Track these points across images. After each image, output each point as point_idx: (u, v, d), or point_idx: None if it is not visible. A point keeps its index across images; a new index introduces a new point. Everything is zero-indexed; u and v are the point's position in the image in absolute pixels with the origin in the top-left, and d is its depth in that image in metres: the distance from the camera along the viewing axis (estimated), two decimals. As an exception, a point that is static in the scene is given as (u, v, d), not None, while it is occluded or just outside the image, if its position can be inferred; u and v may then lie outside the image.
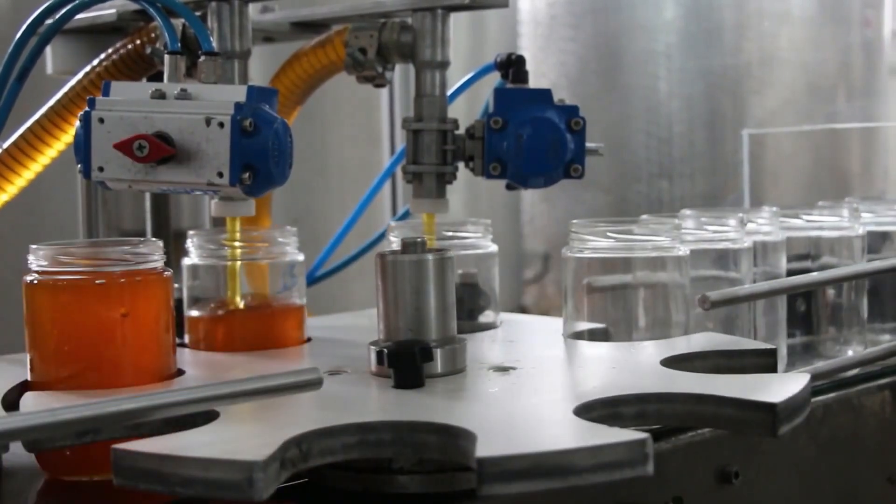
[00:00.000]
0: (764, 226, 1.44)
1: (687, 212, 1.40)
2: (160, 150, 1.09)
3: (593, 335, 1.31)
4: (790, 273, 1.46)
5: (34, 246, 1.09)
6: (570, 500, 1.02)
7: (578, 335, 1.31)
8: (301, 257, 1.37)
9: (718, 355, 1.18)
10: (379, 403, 1.05)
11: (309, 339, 1.36)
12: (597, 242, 1.29)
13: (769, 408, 0.96)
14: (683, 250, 1.29)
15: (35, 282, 1.08)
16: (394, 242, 1.42)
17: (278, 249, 1.35)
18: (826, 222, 1.53)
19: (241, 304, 1.33)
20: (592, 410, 0.97)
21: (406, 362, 1.06)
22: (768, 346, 1.19)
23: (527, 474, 0.82)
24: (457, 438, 0.90)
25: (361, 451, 0.93)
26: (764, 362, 1.17)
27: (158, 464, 0.85)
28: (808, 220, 1.53)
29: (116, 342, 1.08)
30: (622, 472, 0.84)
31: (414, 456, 0.96)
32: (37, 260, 1.08)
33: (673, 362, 1.14)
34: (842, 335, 1.52)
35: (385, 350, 1.08)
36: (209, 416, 0.95)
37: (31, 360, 1.09)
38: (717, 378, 1.08)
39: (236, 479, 0.82)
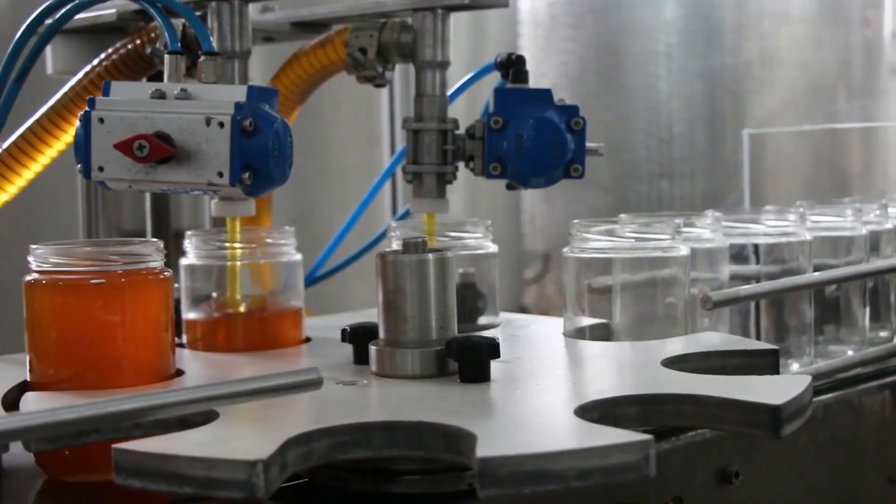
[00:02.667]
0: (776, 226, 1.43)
1: (624, 216, 1.39)
2: (160, 150, 1.09)
3: (594, 332, 1.31)
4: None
5: (34, 246, 1.09)
6: (570, 500, 1.02)
7: (579, 333, 1.31)
8: (299, 257, 1.37)
9: (720, 355, 1.17)
10: (379, 403, 1.05)
11: (308, 339, 1.36)
12: (597, 242, 1.29)
13: (772, 410, 0.95)
14: (685, 250, 1.29)
15: (34, 282, 1.08)
16: (395, 243, 1.42)
17: (276, 249, 1.35)
18: (770, 227, 1.49)
19: (242, 308, 1.33)
20: (593, 411, 0.96)
21: (473, 356, 1.07)
22: (770, 346, 1.19)
23: (525, 477, 0.81)
24: (459, 440, 0.90)
25: (358, 452, 0.92)
26: (766, 362, 1.16)
27: (161, 463, 0.84)
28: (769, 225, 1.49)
29: (116, 342, 1.08)
30: (623, 474, 0.83)
31: (416, 456, 0.95)
32: (36, 260, 1.08)
33: (674, 362, 1.14)
34: (838, 335, 1.51)
35: (455, 344, 1.08)
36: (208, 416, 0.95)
37: (30, 361, 1.09)
38: (718, 379, 1.07)
39: (239, 478, 0.82)
